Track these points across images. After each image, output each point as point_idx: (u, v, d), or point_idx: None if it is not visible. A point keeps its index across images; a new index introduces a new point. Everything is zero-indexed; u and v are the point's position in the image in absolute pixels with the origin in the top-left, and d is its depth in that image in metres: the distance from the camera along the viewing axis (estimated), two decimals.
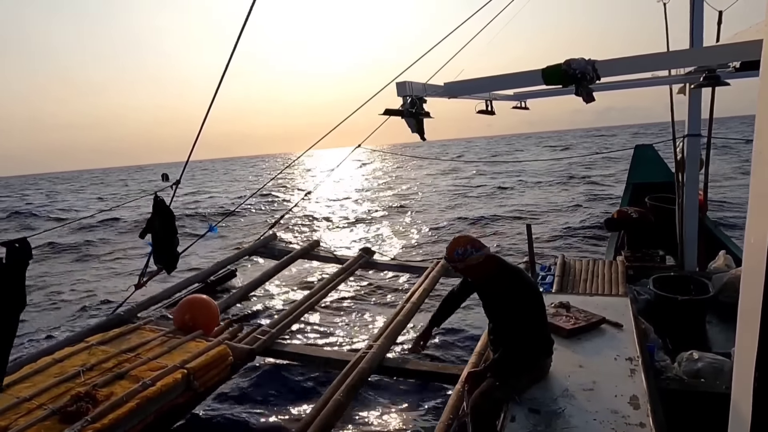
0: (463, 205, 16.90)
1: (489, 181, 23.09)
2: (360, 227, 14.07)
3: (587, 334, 3.24)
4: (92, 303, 8.29)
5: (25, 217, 23.03)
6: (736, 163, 21.21)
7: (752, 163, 0.72)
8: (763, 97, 0.70)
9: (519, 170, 24.06)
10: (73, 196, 38.00)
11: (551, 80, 2.32)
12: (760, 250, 0.66)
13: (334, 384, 3.61)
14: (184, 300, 4.57)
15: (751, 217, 0.72)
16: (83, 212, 23.03)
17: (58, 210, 25.60)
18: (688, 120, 5.13)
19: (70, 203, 30.35)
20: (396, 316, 4.67)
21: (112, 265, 11.45)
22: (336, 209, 17.88)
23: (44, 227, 17.07)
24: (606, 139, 59.86)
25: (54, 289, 9.50)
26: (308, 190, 13.42)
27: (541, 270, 5.46)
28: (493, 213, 14.56)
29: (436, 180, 26.16)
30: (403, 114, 2.75)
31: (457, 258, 2.67)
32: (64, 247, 13.87)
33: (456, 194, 19.79)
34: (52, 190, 47.57)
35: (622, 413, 2.40)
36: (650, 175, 8.10)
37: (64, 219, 19.79)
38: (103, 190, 42.54)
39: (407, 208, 16.98)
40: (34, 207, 27.58)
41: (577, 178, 21.13)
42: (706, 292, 4.24)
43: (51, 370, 3.44)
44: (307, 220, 15.67)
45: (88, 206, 27.37)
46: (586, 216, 12.99)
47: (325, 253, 7.65)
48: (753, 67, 2.34)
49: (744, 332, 0.73)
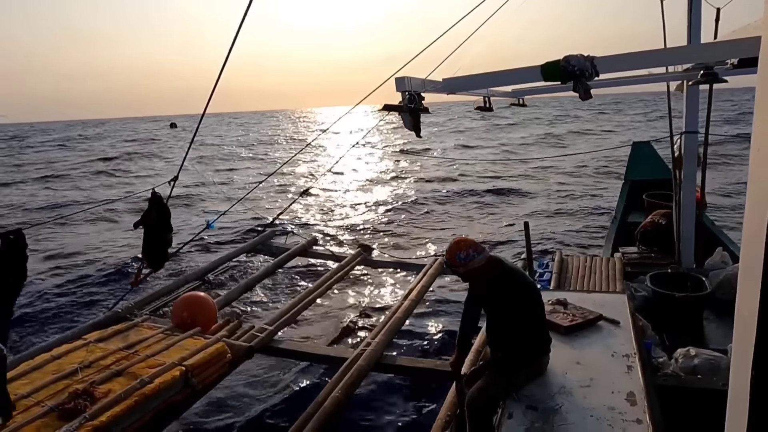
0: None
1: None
2: (358, 222, 14.07)
3: (584, 331, 3.25)
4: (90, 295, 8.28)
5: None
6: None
7: (750, 159, 0.72)
8: (761, 94, 0.70)
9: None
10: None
11: (550, 77, 2.31)
12: (758, 247, 0.66)
13: (332, 381, 3.61)
14: (182, 297, 4.57)
15: (749, 214, 0.72)
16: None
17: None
18: (686, 117, 5.14)
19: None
20: (394, 313, 4.67)
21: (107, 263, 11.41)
22: (336, 204, 17.86)
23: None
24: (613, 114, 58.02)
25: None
26: (305, 188, 13.35)
27: (539, 267, 5.47)
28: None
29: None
30: (401, 109, 2.75)
31: (459, 262, 2.66)
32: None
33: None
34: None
35: (619, 410, 2.41)
36: (648, 172, 8.11)
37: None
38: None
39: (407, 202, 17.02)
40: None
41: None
42: (703, 289, 4.25)
43: (49, 367, 3.43)
44: (305, 217, 15.64)
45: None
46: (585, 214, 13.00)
47: (322, 251, 7.65)
48: (751, 64, 2.34)
49: (741, 329, 0.73)
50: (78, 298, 8.46)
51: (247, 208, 12.02)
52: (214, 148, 37.05)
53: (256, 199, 15.09)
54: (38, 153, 37.38)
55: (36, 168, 27.10)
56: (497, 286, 2.72)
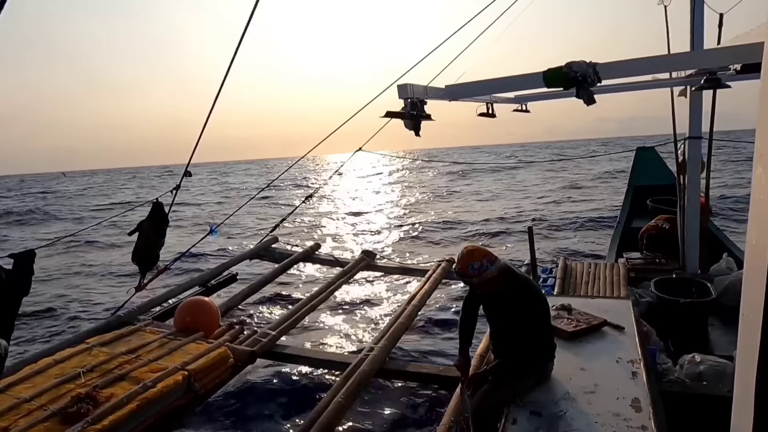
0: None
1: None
2: (363, 230, 14.10)
3: (589, 337, 3.23)
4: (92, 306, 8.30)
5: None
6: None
7: (754, 165, 0.72)
8: (765, 100, 0.70)
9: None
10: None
11: (552, 83, 2.32)
12: (762, 253, 0.66)
13: (335, 386, 3.60)
14: (185, 302, 4.56)
15: (753, 220, 0.72)
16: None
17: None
18: (690, 122, 5.13)
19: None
20: (397, 318, 4.65)
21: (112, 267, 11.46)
22: (340, 212, 17.90)
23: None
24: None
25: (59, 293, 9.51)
26: (308, 194, 13.36)
27: (543, 272, 5.46)
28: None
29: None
30: (404, 116, 2.76)
31: (472, 273, 2.62)
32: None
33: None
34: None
35: (623, 416, 2.39)
36: (652, 177, 8.09)
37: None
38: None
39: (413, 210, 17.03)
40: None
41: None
42: (708, 294, 4.22)
43: (51, 371, 3.43)
44: (309, 223, 15.68)
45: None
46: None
47: (325, 256, 7.64)
48: (754, 69, 2.34)
49: (746, 335, 0.73)
50: (81, 302, 8.49)
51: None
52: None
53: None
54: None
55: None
56: (508, 295, 2.71)
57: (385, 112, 2.84)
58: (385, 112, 2.84)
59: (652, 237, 5.83)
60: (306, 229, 14.45)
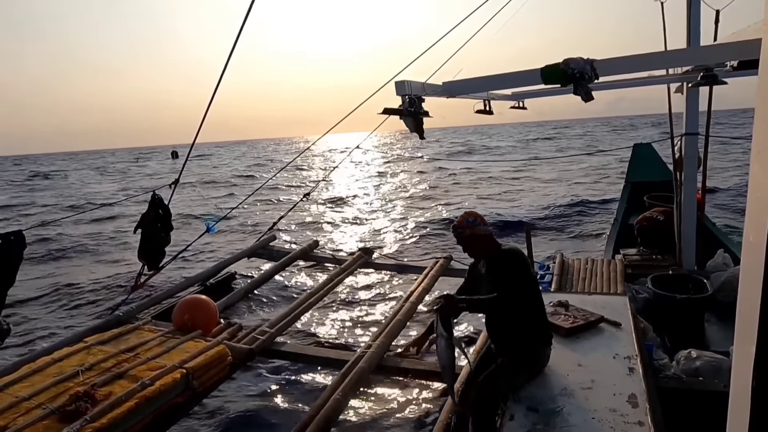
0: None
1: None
2: (361, 223, 14.09)
3: (586, 333, 3.24)
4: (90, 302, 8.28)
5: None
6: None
7: (751, 161, 0.72)
8: (762, 96, 0.70)
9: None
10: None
11: (550, 80, 2.32)
12: (759, 249, 0.67)
13: (333, 383, 3.61)
14: (183, 300, 4.56)
15: (750, 215, 0.72)
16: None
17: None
18: (686, 119, 5.14)
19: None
20: (395, 315, 4.67)
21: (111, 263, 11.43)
22: (338, 207, 17.87)
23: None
24: (620, 132, 57.49)
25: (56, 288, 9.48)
26: (306, 192, 13.35)
27: (540, 269, 5.47)
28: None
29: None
30: (401, 113, 2.76)
31: (466, 224, 2.80)
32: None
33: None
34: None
35: (620, 412, 2.41)
36: (649, 174, 8.11)
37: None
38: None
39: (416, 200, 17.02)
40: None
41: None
42: (705, 290, 4.25)
43: (50, 369, 3.43)
44: (307, 220, 15.67)
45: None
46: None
47: (323, 254, 7.64)
48: (751, 65, 2.35)
49: (742, 331, 0.74)
50: (79, 301, 8.48)
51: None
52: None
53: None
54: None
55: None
56: (495, 261, 2.77)
57: (382, 109, 2.84)
58: (382, 109, 2.84)
59: (643, 229, 5.88)
60: (301, 225, 14.42)
